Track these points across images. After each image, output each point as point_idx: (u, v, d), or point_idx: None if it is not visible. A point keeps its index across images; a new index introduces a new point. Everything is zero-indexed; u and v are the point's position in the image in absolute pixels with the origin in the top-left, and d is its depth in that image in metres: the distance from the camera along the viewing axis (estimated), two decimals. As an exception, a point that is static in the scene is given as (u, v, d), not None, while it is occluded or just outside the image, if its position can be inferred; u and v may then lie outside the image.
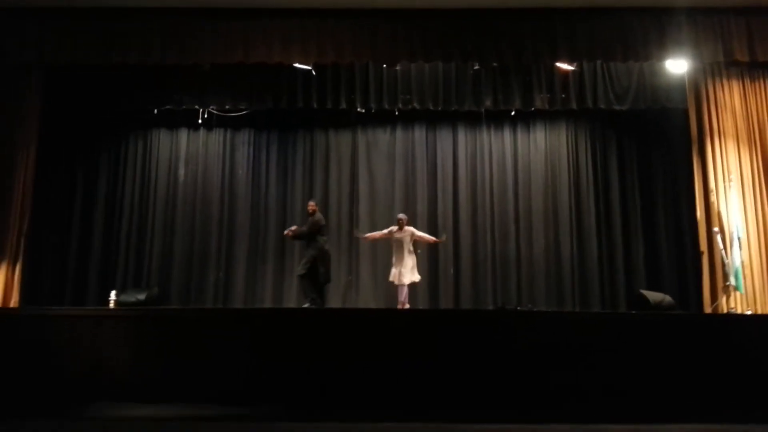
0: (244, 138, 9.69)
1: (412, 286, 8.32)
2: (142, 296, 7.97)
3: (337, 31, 7.51)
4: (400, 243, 8.11)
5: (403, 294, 8.06)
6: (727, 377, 5.29)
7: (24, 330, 5.74)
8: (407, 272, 8.06)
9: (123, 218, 9.31)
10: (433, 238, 8.44)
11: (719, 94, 7.75)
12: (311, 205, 8.11)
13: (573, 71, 8.57)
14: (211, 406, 5.20)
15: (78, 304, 8.63)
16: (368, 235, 8.46)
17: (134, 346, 5.69)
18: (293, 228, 8.09)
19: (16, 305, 7.46)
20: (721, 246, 7.18)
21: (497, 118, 9.45)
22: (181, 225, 9.34)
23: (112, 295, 7.98)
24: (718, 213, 7.43)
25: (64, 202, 9.09)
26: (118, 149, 9.53)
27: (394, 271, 8.10)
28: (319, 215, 8.02)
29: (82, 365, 5.55)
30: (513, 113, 9.19)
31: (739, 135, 7.62)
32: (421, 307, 8.72)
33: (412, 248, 8.16)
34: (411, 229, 8.22)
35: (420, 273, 8.84)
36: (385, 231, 8.27)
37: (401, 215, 8.30)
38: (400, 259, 8.07)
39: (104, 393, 5.42)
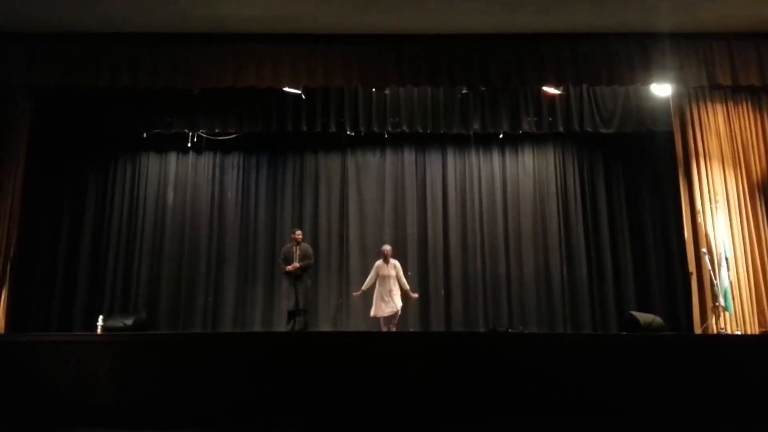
0: (233, 161, 9.72)
1: (403, 308, 8.32)
2: (129, 321, 7.87)
3: (327, 55, 7.57)
4: (386, 276, 8.14)
5: (395, 322, 8.08)
6: (718, 397, 5.30)
7: (10, 356, 5.65)
8: (397, 300, 8.12)
9: (110, 242, 9.25)
10: (407, 288, 8.33)
11: (704, 116, 7.86)
12: (300, 233, 8.21)
13: (559, 95, 8.67)
14: (200, 431, 5.13)
15: (65, 329, 8.52)
16: (364, 288, 8.32)
17: (121, 371, 5.60)
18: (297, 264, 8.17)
19: (2, 331, 7.34)
20: (709, 267, 7.23)
21: (485, 141, 9.54)
22: (170, 249, 9.29)
23: (100, 320, 7.87)
24: (706, 234, 7.49)
25: (50, 226, 9.02)
26: (107, 173, 9.51)
27: (381, 305, 8.09)
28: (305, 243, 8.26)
29: (69, 391, 5.46)
30: (501, 136, 9.26)
31: (724, 157, 7.72)
32: (412, 330, 8.69)
33: (396, 281, 8.22)
34: (396, 263, 8.27)
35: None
36: (372, 273, 8.27)
37: (386, 247, 8.34)
38: (388, 292, 8.08)
39: (91, 419, 5.33)
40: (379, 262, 8.27)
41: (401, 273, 8.28)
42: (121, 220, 9.37)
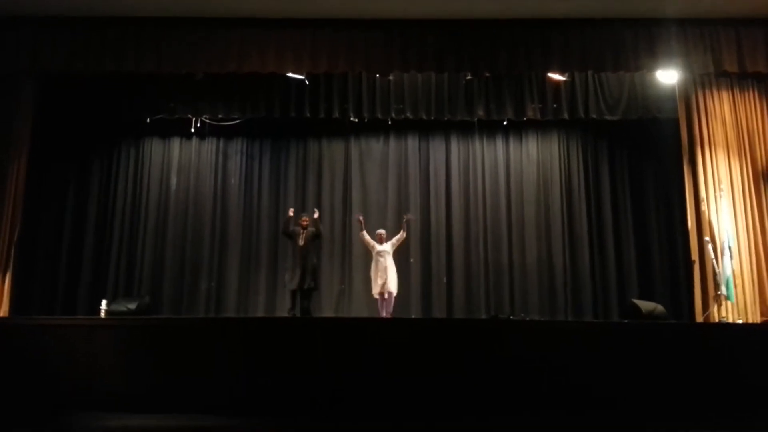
0: (236, 147, 9.70)
1: (405, 295, 8.35)
2: (133, 305, 7.90)
3: (331, 40, 7.54)
4: (383, 256, 8.15)
5: (391, 304, 8.11)
6: (718, 385, 5.31)
7: (14, 340, 5.69)
8: (393, 283, 8.14)
9: (114, 227, 9.27)
10: (403, 233, 8.35)
11: (709, 104, 7.80)
12: (306, 220, 8.25)
13: (564, 81, 8.62)
14: (203, 416, 5.16)
15: (68, 313, 8.56)
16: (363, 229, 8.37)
17: (125, 355, 5.64)
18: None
19: (6, 315, 7.39)
20: (712, 255, 7.21)
21: (490, 128, 9.50)
22: (173, 234, 9.30)
23: (103, 304, 7.92)
24: (709, 222, 7.46)
25: (54, 211, 9.05)
26: (111, 158, 9.51)
27: (379, 282, 8.12)
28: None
29: (73, 375, 5.50)
30: (505, 123, 9.24)
31: (729, 145, 7.66)
32: (414, 317, 8.71)
33: (392, 260, 8.22)
34: (390, 242, 8.29)
35: (413, 282, 9.00)
36: (370, 242, 8.28)
37: (381, 231, 8.35)
38: (384, 271, 8.10)
39: (95, 403, 5.37)
40: (374, 242, 8.27)
41: (394, 240, 8.29)
42: (124, 205, 9.38)
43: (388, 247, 8.22)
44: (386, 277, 8.07)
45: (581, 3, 7.25)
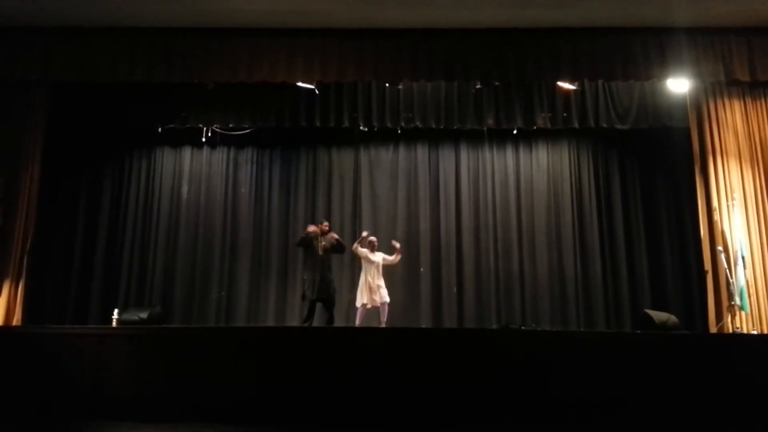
0: (247, 156, 9.74)
1: (415, 304, 8.30)
2: (144, 314, 7.94)
3: (341, 50, 7.56)
4: (373, 266, 8.15)
5: (386, 312, 8.09)
6: (733, 397, 5.25)
7: (26, 348, 5.72)
8: (384, 291, 8.12)
9: (126, 236, 9.32)
10: (395, 255, 8.35)
11: (721, 113, 7.76)
12: (327, 225, 8.20)
13: (574, 90, 8.61)
14: (213, 425, 5.16)
15: (80, 322, 8.60)
16: (361, 246, 8.28)
17: (136, 364, 5.66)
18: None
19: (19, 323, 7.43)
20: (725, 265, 7.16)
21: (499, 137, 9.49)
22: (184, 243, 9.35)
23: (115, 313, 7.95)
24: (722, 232, 7.41)
25: (67, 220, 9.12)
26: (122, 167, 9.58)
27: (366, 294, 8.07)
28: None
29: (84, 384, 5.53)
30: (515, 132, 9.22)
31: (741, 154, 7.62)
32: (424, 326, 8.68)
33: (380, 271, 8.22)
34: (382, 255, 8.29)
35: (423, 291, 8.95)
36: (364, 254, 8.22)
37: (373, 238, 8.32)
38: (375, 280, 8.08)
39: (105, 412, 5.38)
40: (367, 250, 8.22)
41: (387, 258, 8.30)
42: (136, 214, 9.44)
43: (380, 259, 8.21)
44: (377, 290, 8.05)
45: (591, 12, 7.24)
